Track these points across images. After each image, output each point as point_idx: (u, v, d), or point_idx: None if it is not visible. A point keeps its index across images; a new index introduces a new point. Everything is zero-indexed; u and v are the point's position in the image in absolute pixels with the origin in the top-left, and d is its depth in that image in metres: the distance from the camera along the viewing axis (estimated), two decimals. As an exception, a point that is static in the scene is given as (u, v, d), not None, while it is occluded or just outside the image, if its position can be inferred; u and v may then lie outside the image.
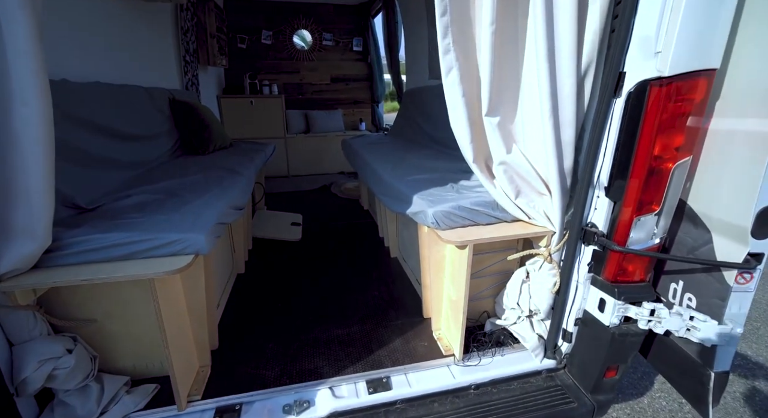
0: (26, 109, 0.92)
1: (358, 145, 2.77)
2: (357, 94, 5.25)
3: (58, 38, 1.58)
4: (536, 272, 1.32)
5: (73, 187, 1.35)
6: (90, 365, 1.23)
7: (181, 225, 1.18)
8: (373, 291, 1.94)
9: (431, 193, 1.42)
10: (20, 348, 1.08)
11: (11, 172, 0.95)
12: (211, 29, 3.26)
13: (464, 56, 1.17)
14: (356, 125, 5.22)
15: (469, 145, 1.23)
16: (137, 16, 2.30)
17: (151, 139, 2.13)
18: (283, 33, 4.70)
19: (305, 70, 4.94)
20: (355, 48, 5.03)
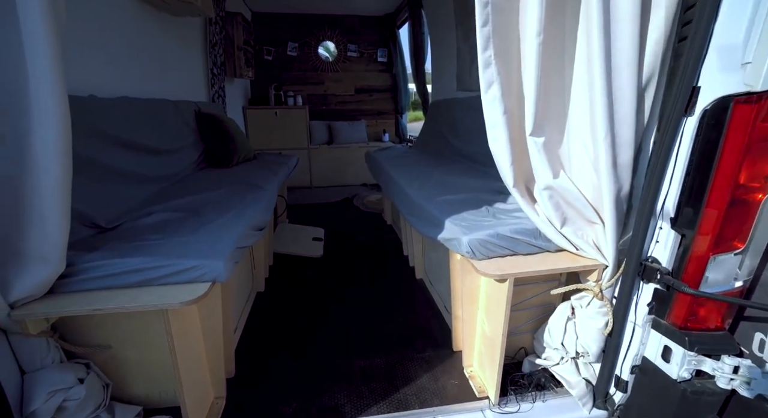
0: (44, 130, 0.89)
1: (383, 158, 2.69)
2: (381, 105, 5.21)
3: (89, 54, 1.59)
4: (583, 309, 1.17)
5: (94, 206, 1.32)
6: (102, 394, 1.18)
7: (199, 250, 1.11)
8: (397, 317, 1.83)
9: (464, 218, 1.31)
10: (31, 377, 1.04)
11: (27, 194, 0.92)
12: (238, 42, 3.30)
13: (506, 70, 1.06)
14: (380, 136, 5.16)
15: (510, 168, 1.11)
16: (168, 30, 2.33)
17: (176, 152, 2.12)
18: (309, 45, 4.73)
19: (329, 81, 4.95)
20: (379, 59, 5.00)
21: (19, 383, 1.02)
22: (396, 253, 2.59)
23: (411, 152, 2.99)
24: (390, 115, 5.27)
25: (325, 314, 1.87)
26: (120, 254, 1.06)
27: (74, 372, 1.10)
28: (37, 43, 0.82)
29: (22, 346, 1.02)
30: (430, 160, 2.57)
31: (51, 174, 0.90)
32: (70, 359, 1.14)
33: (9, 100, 0.88)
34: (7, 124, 0.88)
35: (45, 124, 0.88)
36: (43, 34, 0.81)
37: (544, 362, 1.30)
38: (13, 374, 1.00)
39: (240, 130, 2.76)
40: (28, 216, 0.93)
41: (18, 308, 0.94)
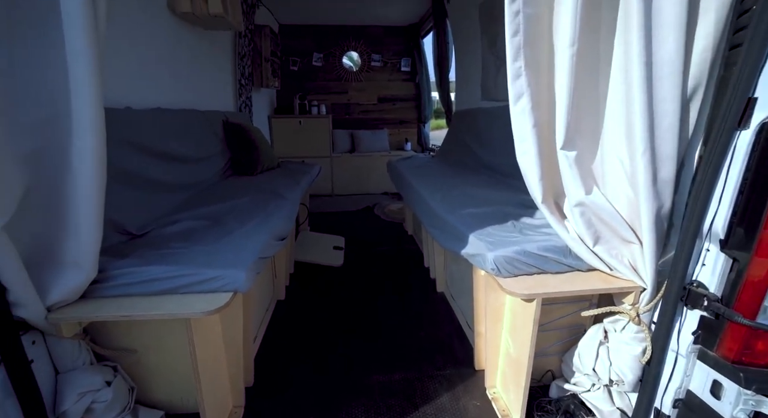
0: (81, 143, 0.92)
1: (405, 168, 2.67)
2: (403, 114, 5.22)
3: (127, 68, 1.66)
4: (618, 333, 1.09)
5: (125, 213, 1.36)
6: (127, 398, 1.20)
7: (221, 260, 1.13)
8: (418, 331, 1.78)
9: (490, 233, 1.26)
10: (64, 378, 1.07)
11: (65, 204, 0.96)
12: (265, 53, 3.40)
13: (536, 81, 1.02)
14: (401, 145, 5.15)
15: (539, 183, 1.06)
16: (200, 43, 2.42)
17: (204, 160, 2.18)
18: (333, 55, 4.82)
19: (353, 90, 5.01)
20: (403, 68, 5.02)
21: (53, 382, 1.05)
22: (417, 264, 2.55)
23: (433, 162, 2.96)
24: (412, 124, 5.27)
25: (344, 325, 1.85)
26: (147, 262, 1.09)
27: (102, 375, 1.12)
28: (78, 60, 0.86)
29: (57, 347, 1.06)
30: (452, 170, 2.53)
31: (86, 185, 0.93)
32: (99, 362, 1.17)
33: (52, 113, 0.92)
34: (50, 136, 0.92)
35: (82, 137, 0.91)
36: (85, 51, 0.85)
37: (573, 387, 1.22)
38: (49, 374, 1.04)
39: (264, 139, 2.82)
40: (65, 224, 0.96)
41: (54, 312, 0.98)
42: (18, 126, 0.88)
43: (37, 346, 1.01)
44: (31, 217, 0.92)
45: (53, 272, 0.97)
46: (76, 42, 0.84)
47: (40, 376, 0.99)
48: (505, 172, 2.14)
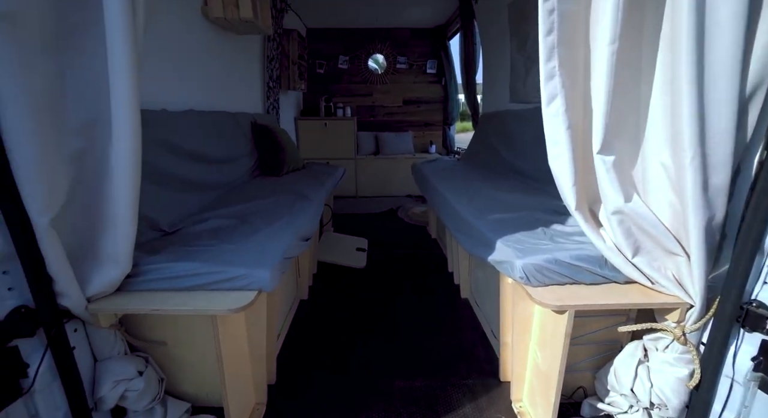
0: (119, 144, 0.96)
1: (429, 171, 2.64)
2: (428, 116, 5.17)
3: (163, 71, 1.73)
4: (660, 353, 1.02)
5: (159, 211, 1.41)
6: (157, 388, 1.24)
7: (247, 259, 1.14)
8: (440, 337, 1.74)
9: (518, 240, 1.21)
10: (101, 365, 1.13)
11: (104, 202, 1.00)
12: (293, 57, 3.47)
13: (571, 82, 0.97)
14: (426, 147, 5.11)
15: (572, 189, 1.01)
16: (231, 47, 2.50)
17: (233, 161, 2.24)
18: (359, 57, 4.86)
19: (378, 92, 5.02)
20: (428, 70, 4.99)
21: (92, 369, 1.11)
22: (440, 269, 2.51)
23: (459, 165, 2.91)
24: (437, 126, 5.22)
25: (366, 327, 1.84)
26: (176, 258, 1.12)
27: (135, 365, 1.17)
28: (117, 68, 0.89)
29: (95, 336, 1.11)
30: (479, 174, 2.47)
31: (122, 185, 0.97)
32: (132, 352, 1.22)
33: (95, 116, 0.96)
34: (92, 138, 0.97)
35: (121, 139, 0.95)
36: (123, 59, 0.88)
37: (608, 407, 1.15)
38: (88, 361, 1.10)
39: (290, 141, 2.87)
40: (104, 222, 1.01)
41: (93, 302, 1.03)
42: (65, 128, 0.93)
43: (78, 334, 1.07)
44: (74, 214, 0.97)
45: (92, 266, 1.02)
46: (116, 51, 0.87)
47: (80, 362, 1.05)
48: (535, 176, 2.07)
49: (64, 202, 0.93)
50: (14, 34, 0.78)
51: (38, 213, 0.87)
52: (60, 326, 0.98)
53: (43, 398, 0.97)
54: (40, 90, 0.86)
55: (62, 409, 1.01)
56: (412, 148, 4.91)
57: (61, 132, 0.92)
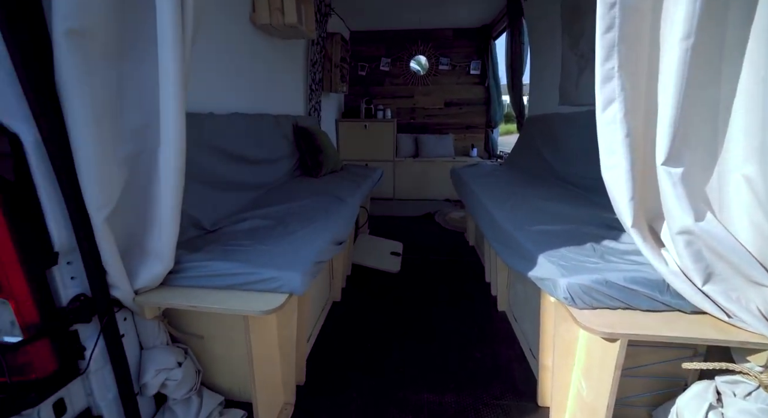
0: (166, 148, 1.00)
1: (469, 175, 2.54)
2: (471, 118, 5.03)
3: (211, 76, 1.82)
4: (739, 400, 0.87)
5: (202, 210, 1.48)
6: (195, 379, 1.30)
7: (280, 261, 1.16)
8: (474, 351, 1.66)
9: (563, 255, 1.11)
10: (146, 354, 1.20)
11: (151, 202, 1.06)
12: (335, 60, 3.52)
13: (633, 84, 0.87)
14: (467, 151, 4.97)
15: (629, 204, 0.90)
16: (276, 52, 2.59)
17: (274, 162, 2.31)
18: (401, 59, 4.83)
19: (419, 94, 4.97)
20: (472, 71, 4.85)
21: (138, 356, 1.19)
22: (477, 278, 2.41)
23: (501, 170, 2.78)
24: (479, 129, 5.06)
25: (397, 334, 1.80)
26: (213, 257, 1.16)
27: (176, 356, 1.23)
28: (167, 77, 0.93)
29: (142, 326, 1.19)
30: (522, 180, 2.34)
31: (168, 186, 1.02)
32: (173, 343, 1.28)
33: (147, 122, 1.02)
34: (144, 142, 1.03)
35: (168, 143, 0.99)
36: (172, 69, 0.92)
37: (664, 450, 1.01)
38: (135, 349, 1.17)
39: (330, 143, 2.91)
40: (151, 220, 1.07)
41: (140, 295, 1.10)
42: (121, 132, 0.99)
43: (128, 323, 1.15)
44: (126, 212, 1.03)
45: (140, 261, 1.09)
46: (166, 61, 0.91)
47: (128, 349, 1.13)
48: (584, 185, 1.92)
49: (117, 201, 1.00)
50: (81, 47, 0.84)
51: (95, 210, 0.94)
52: (111, 315, 1.06)
53: (96, 379, 1.05)
54: (101, 98, 0.92)
55: (112, 391, 1.09)
56: (453, 151, 4.80)
57: (116, 136, 0.98)
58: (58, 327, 0.95)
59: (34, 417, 0.92)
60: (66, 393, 0.99)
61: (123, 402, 1.12)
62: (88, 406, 1.06)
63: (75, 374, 1.00)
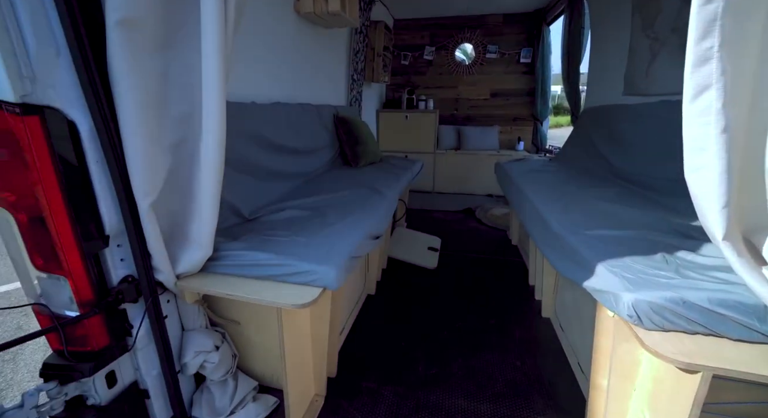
0: (207, 136, 1.00)
1: (516, 171, 2.38)
2: (518, 110, 4.74)
3: (255, 66, 1.83)
4: None
5: (242, 199, 1.50)
6: (231, 363, 1.33)
7: (315, 255, 1.13)
8: (513, 359, 1.56)
9: (628, 266, 0.98)
10: (187, 335, 1.25)
11: (193, 190, 1.07)
12: (378, 49, 3.44)
13: (736, 66, 0.72)
14: (513, 144, 4.71)
15: (721, 212, 0.75)
16: (318, 41, 2.56)
17: (314, 152, 2.30)
18: (446, 48, 4.64)
19: (463, 84, 4.76)
20: (522, 60, 4.54)
21: (180, 337, 1.23)
22: (519, 280, 2.27)
23: (551, 166, 2.58)
24: (527, 121, 4.75)
25: (432, 333, 1.74)
26: (251, 247, 1.16)
27: (213, 339, 1.26)
28: (209, 66, 0.93)
29: (184, 308, 1.23)
30: (576, 178, 2.14)
31: (208, 175, 1.02)
32: (212, 326, 1.32)
33: (191, 110, 1.03)
34: (187, 130, 1.04)
35: (209, 131, 0.99)
36: (215, 56, 0.91)
37: None
38: (178, 329, 1.22)
39: (370, 133, 2.86)
40: (192, 207, 1.09)
41: (181, 280, 1.12)
42: (166, 120, 1.00)
43: (171, 305, 1.19)
44: (170, 198, 1.05)
45: (182, 247, 1.11)
46: (208, 51, 0.90)
47: (171, 329, 1.17)
48: (650, 185, 1.71)
49: (161, 188, 1.01)
50: (131, 37, 0.85)
51: (142, 197, 0.96)
52: (155, 296, 1.09)
53: (142, 356, 1.10)
54: (148, 87, 0.93)
55: (156, 368, 1.15)
56: (497, 145, 4.57)
57: (163, 124, 0.99)
58: (109, 305, 1.00)
59: (90, 385, 0.99)
60: (117, 366, 1.05)
61: (166, 379, 1.16)
62: (136, 380, 1.12)
63: (124, 350, 1.06)
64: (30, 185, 0.86)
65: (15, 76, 0.79)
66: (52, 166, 0.87)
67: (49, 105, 0.85)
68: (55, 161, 0.87)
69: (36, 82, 0.82)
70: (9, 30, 0.77)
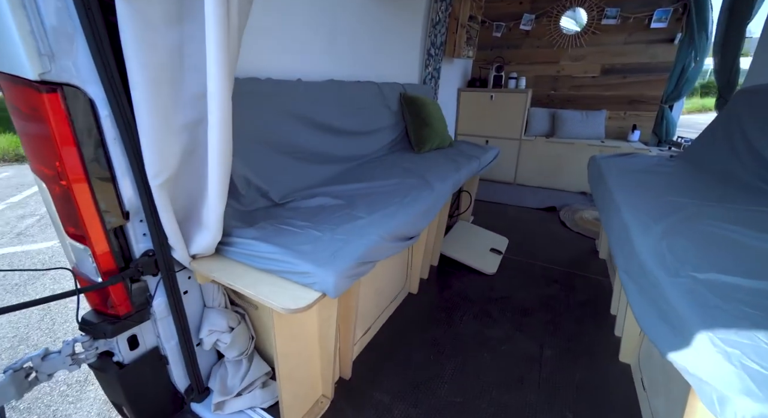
0: (211, 116, 0.92)
1: (612, 170, 1.87)
2: (638, 89, 3.80)
3: (304, 39, 1.71)
4: None
5: (273, 181, 1.44)
6: (247, 344, 1.33)
7: (320, 254, 1.01)
8: (563, 408, 1.24)
9: (757, 348, 0.60)
10: (206, 312, 1.27)
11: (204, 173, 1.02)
12: (462, 19, 3.03)
13: None
14: (625, 134, 3.86)
15: None
16: (388, 11, 2.32)
17: (370, 134, 2.14)
18: (549, 15, 3.90)
19: (567, 59, 3.99)
20: (655, 24, 3.56)
21: (201, 313, 1.26)
22: (599, 306, 1.82)
23: (667, 166, 1.97)
24: (649, 104, 3.80)
25: (469, 351, 1.50)
26: (259, 237, 1.09)
27: (228, 320, 1.26)
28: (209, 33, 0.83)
29: (204, 286, 1.24)
30: (702, 186, 1.57)
31: (213, 157, 0.95)
32: (233, 305, 1.32)
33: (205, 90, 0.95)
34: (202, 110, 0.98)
35: (212, 111, 0.91)
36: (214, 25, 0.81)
37: None
38: (198, 305, 1.25)
39: (440, 116, 2.57)
40: (203, 190, 1.04)
41: (195, 261, 1.12)
42: (182, 99, 0.96)
43: (191, 281, 1.21)
44: (188, 178, 1.03)
45: (195, 228, 1.10)
46: (208, 20, 0.81)
47: (191, 304, 1.20)
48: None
49: (176, 168, 0.98)
50: (139, 11, 0.80)
51: (152, 176, 0.94)
52: (171, 272, 1.10)
53: (162, 326, 1.15)
54: (160, 62, 0.88)
55: (175, 339, 1.19)
56: (603, 133, 3.79)
57: (177, 103, 0.95)
58: (130, 276, 1.04)
59: (114, 344, 1.07)
60: (139, 331, 1.11)
61: (182, 351, 1.21)
62: (157, 346, 1.18)
63: (142, 318, 1.10)
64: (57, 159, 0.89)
65: (34, 53, 0.79)
66: (73, 142, 0.89)
67: (68, 83, 0.85)
68: (75, 137, 0.88)
69: (54, 59, 0.82)
70: (26, 7, 0.77)
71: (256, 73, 1.45)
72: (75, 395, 1.58)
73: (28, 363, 0.94)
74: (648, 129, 3.84)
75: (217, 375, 1.33)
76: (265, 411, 1.27)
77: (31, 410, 1.49)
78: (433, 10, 2.73)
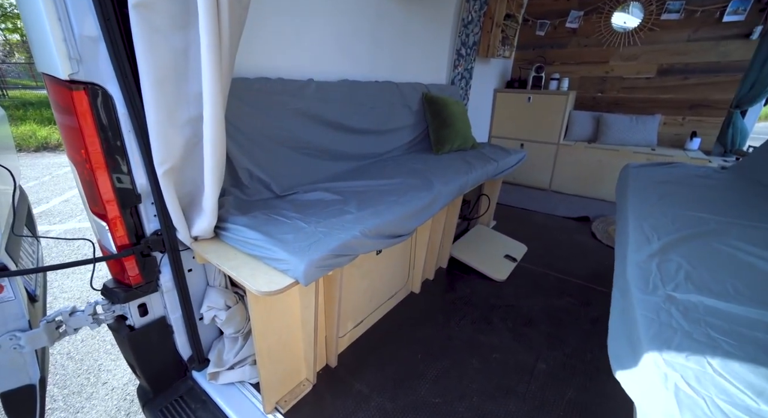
0: (205, 112, 1.02)
1: (639, 180, 1.71)
2: (702, 93, 3.40)
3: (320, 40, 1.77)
4: None
5: (277, 175, 1.52)
6: (243, 323, 1.44)
7: (298, 244, 1.07)
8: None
9: (703, 377, 0.54)
10: (207, 290, 1.40)
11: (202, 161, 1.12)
12: (498, 18, 2.93)
13: None
14: (682, 141, 3.49)
15: None
16: (413, 11, 2.30)
17: (384, 133, 2.16)
18: (600, 11, 3.61)
19: (617, 58, 3.68)
20: (728, 17, 3.16)
21: (203, 291, 1.39)
22: (609, 324, 1.69)
23: (711, 179, 1.76)
24: (715, 109, 3.39)
25: (459, 357, 1.48)
26: (248, 224, 1.18)
27: (225, 299, 1.38)
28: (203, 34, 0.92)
29: (207, 265, 1.36)
30: (745, 203, 1.39)
31: (207, 149, 1.06)
32: (233, 286, 1.43)
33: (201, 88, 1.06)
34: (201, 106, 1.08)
35: (207, 108, 1.01)
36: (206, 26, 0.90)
37: None
38: (202, 283, 1.38)
39: (463, 117, 2.52)
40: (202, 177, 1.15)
41: (196, 242, 1.23)
42: (185, 97, 1.07)
43: (196, 261, 1.33)
44: (191, 168, 1.14)
45: (196, 213, 1.21)
46: (201, 22, 0.90)
47: (195, 281, 1.34)
48: None
49: (180, 158, 1.10)
50: (146, 18, 0.91)
51: (157, 164, 1.06)
52: (176, 251, 1.24)
53: (168, 298, 1.29)
54: (165, 63, 0.99)
55: (179, 311, 1.33)
56: (655, 140, 3.45)
57: (180, 99, 1.06)
58: (140, 251, 1.18)
59: (127, 309, 1.23)
60: (148, 301, 1.26)
61: (185, 323, 1.35)
62: (164, 316, 1.32)
63: (149, 290, 1.25)
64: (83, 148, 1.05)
65: (65, 57, 0.95)
66: (96, 133, 1.04)
67: (93, 82, 1.00)
68: (98, 128, 1.03)
69: (81, 62, 0.97)
70: (61, 20, 0.92)
71: (269, 73, 1.55)
72: (116, 353, 1.83)
73: (59, 317, 1.11)
74: (712, 137, 3.43)
75: (216, 348, 1.45)
76: (252, 386, 1.37)
77: (83, 362, 1.80)
78: (464, 10, 2.68)
